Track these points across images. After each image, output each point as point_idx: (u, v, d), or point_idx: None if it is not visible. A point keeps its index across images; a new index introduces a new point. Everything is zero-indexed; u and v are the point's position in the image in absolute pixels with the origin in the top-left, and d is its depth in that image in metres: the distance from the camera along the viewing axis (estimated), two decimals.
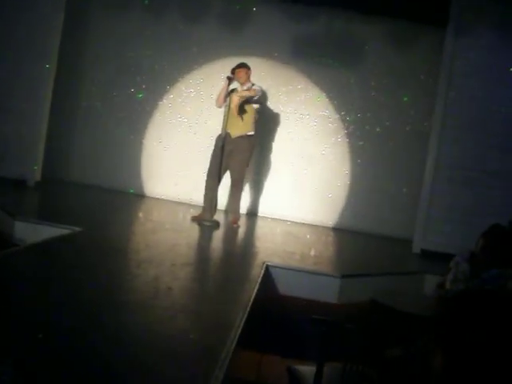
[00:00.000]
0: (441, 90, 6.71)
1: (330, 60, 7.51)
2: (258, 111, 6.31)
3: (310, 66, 7.54)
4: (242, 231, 6.32)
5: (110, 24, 7.76)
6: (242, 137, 6.21)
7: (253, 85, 6.27)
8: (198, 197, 6.52)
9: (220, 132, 6.20)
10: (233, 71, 6.21)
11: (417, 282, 5.27)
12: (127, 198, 7.40)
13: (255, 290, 3.84)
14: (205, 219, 6.11)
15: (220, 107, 6.32)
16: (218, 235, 6.00)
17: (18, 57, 6.98)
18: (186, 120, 7.68)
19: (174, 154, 7.67)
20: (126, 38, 7.73)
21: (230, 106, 6.10)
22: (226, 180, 6.41)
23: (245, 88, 6.22)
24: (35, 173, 7.14)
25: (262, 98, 6.58)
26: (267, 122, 7.40)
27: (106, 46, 7.79)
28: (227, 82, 6.18)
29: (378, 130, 7.56)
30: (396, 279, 5.21)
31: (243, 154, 6.23)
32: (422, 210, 6.65)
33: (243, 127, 6.22)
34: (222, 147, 6.08)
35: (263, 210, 7.64)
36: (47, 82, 7.14)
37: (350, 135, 7.58)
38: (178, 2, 7.68)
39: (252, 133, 6.29)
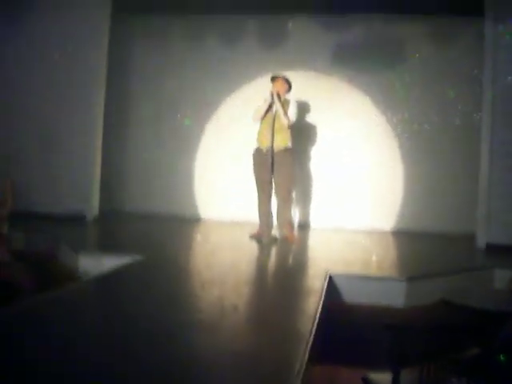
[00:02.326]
0: (486, 79, 6.54)
1: (372, 63, 7.43)
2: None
3: (351, 72, 7.49)
4: (298, 244, 6.28)
5: (152, 54, 8.00)
6: (284, 150, 6.08)
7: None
8: (252, 214, 6.51)
9: (257, 146, 6.15)
10: (273, 79, 6.17)
11: (486, 278, 5.09)
12: (183, 223, 7.49)
13: (321, 301, 3.79)
14: (262, 235, 6.11)
15: (257, 122, 6.17)
16: (277, 250, 5.98)
17: (67, 95, 7.21)
18: (232, 142, 7.72)
19: (223, 175, 7.73)
20: (167, 66, 7.92)
21: (274, 119, 6.05)
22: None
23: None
24: (93, 208, 7.33)
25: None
26: (311, 131, 7.38)
27: (149, 77, 7.98)
28: (271, 98, 6.04)
29: (426, 127, 7.43)
30: (464, 277, 5.05)
31: (288, 168, 6.13)
32: (482, 203, 6.44)
33: (283, 140, 6.10)
34: (272, 160, 5.99)
35: (316, 221, 7.57)
36: (96, 120, 7.35)
37: (399, 136, 7.47)
38: (214, 27, 7.80)
39: (291, 145, 6.19)
